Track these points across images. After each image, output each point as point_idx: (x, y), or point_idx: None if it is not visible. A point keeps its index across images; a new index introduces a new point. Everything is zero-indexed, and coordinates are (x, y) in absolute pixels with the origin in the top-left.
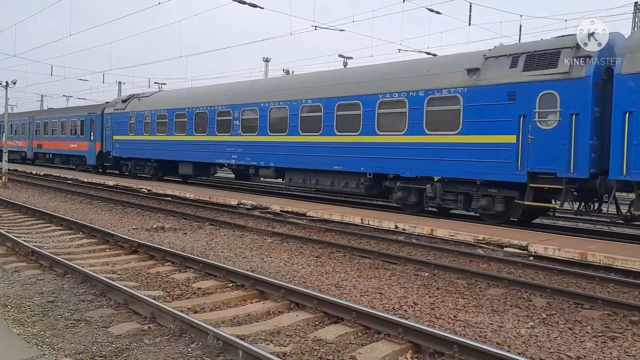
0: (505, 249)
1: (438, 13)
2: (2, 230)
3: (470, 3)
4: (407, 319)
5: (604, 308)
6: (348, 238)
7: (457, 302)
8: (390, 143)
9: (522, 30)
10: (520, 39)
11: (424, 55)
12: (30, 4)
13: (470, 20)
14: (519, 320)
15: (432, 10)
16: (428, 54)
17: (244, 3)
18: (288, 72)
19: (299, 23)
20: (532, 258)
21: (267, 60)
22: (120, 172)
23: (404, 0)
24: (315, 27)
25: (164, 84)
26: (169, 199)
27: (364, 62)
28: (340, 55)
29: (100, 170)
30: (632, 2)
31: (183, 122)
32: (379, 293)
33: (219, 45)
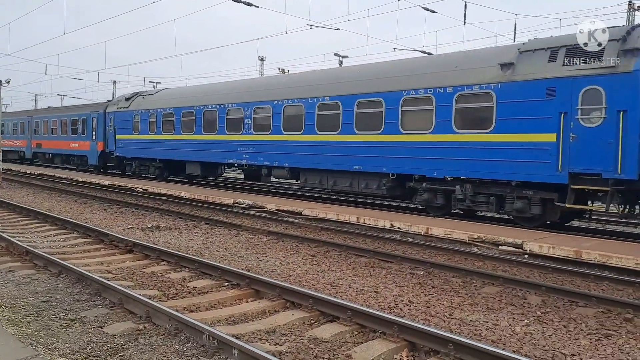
0: (500, 247)
1: (433, 12)
2: None
3: (465, 2)
4: (402, 318)
5: (599, 306)
6: (344, 237)
7: (452, 300)
8: (416, 142)
9: (516, 29)
10: (515, 38)
11: (419, 54)
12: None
13: (465, 19)
14: (514, 318)
15: (427, 9)
16: (423, 53)
17: (239, 2)
18: (283, 70)
19: (294, 22)
20: (527, 256)
21: (262, 59)
22: (123, 172)
23: None
24: (311, 25)
25: (159, 83)
26: (164, 199)
27: (360, 61)
28: (336, 54)
29: (102, 171)
30: (625, 1)
31: (191, 120)
32: (375, 292)
33: (214, 44)
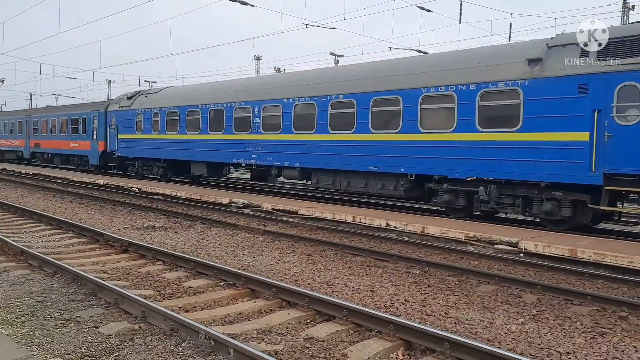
0: (496, 246)
1: (429, 11)
2: None
3: (461, 1)
4: (398, 317)
5: (593, 304)
6: (340, 236)
7: (448, 299)
8: (436, 142)
9: (512, 29)
10: (511, 38)
11: (415, 53)
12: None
13: (461, 18)
14: (510, 317)
15: (422, 8)
16: (419, 52)
17: (235, 0)
18: (279, 70)
19: (290, 21)
20: (522, 255)
21: (258, 59)
22: (124, 172)
23: None
24: (306, 25)
25: (154, 82)
26: (160, 198)
27: (356, 60)
28: (332, 54)
29: (103, 171)
30: (620, 0)
31: (196, 119)
32: (371, 291)
33: (210, 44)
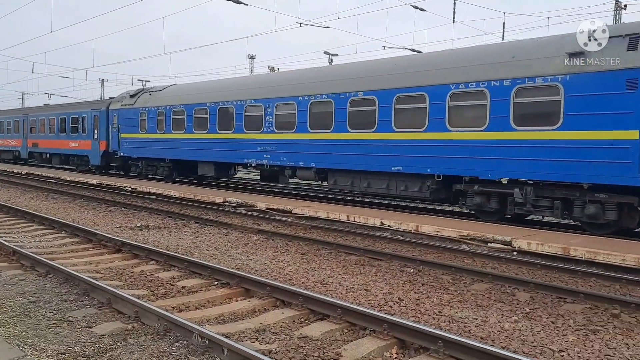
0: (490, 245)
1: (422, 10)
2: None
3: (455, 0)
4: (392, 315)
5: (586, 302)
6: (334, 235)
7: (442, 297)
8: (467, 141)
9: (505, 28)
10: (504, 37)
11: (409, 52)
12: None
13: (455, 17)
14: (503, 315)
15: (416, 7)
16: (413, 51)
17: None
18: (273, 69)
19: (284, 20)
20: (515, 253)
21: (252, 58)
22: (126, 173)
23: None
24: (300, 24)
25: (148, 81)
26: (154, 197)
27: (350, 59)
28: (326, 52)
29: (104, 172)
30: (612, 0)
31: (204, 118)
32: (365, 289)
33: (203, 42)
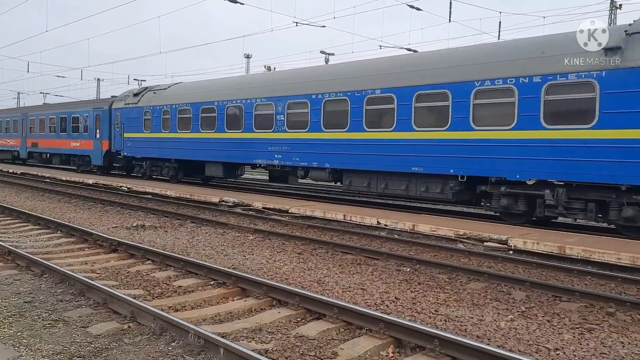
0: (486, 244)
1: (418, 9)
2: None
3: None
4: (388, 314)
5: (582, 300)
6: (330, 234)
7: (438, 296)
8: (493, 140)
9: (501, 27)
10: (500, 37)
11: (405, 52)
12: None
13: (451, 17)
14: (499, 314)
15: (412, 7)
16: (409, 50)
17: None
18: (270, 68)
19: (280, 19)
20: (511, 252)
21: (248, 57)
22: (128, 173)
23: None
24: (296, 23)
25: (144, 81)
26: (150, 197)
27: (346, 58)
28: (322, 52)
29: (106, 172)
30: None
31: (211, 117)
32: (361, 289)
33: (199, 42)
